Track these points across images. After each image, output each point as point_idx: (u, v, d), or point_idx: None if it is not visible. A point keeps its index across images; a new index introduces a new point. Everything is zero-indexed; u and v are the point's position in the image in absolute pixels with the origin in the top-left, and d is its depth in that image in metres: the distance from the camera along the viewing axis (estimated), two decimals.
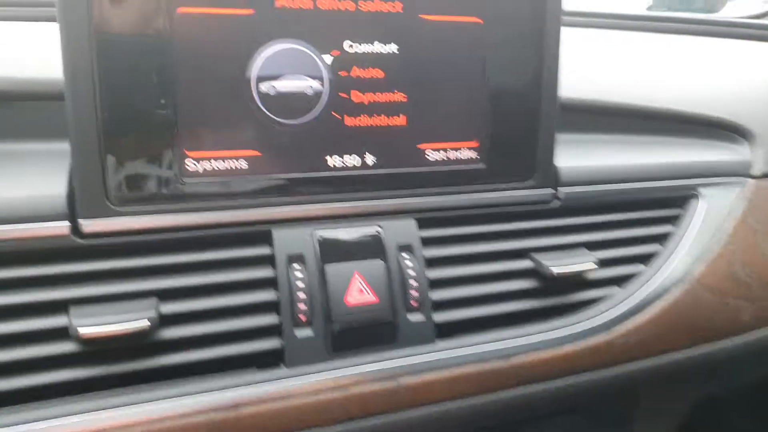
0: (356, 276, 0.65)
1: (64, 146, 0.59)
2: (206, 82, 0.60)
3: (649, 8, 1.67)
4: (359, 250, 0.67)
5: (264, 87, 0.62)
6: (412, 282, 0.66)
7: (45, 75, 0.65)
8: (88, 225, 0.59)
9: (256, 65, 0.61)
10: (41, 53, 0.66)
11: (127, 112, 0.58)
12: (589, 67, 0.90)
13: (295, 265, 0.64)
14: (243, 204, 0.63)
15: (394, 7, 0.64)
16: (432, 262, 0.70)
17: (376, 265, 0.66)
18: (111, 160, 0.58)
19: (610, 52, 0.99)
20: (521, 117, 0.71)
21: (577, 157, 0.79)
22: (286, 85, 0.63)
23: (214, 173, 0.62)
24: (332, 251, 0.66)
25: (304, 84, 0.63)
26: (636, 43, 1.08)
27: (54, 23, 0.55)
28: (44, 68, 0.65)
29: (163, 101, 0.59)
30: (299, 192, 0.65)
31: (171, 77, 0.58)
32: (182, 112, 0.60)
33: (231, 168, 0.63)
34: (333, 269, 0.65)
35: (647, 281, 0.78)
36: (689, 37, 1.11)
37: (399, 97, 0.67)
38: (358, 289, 0.64)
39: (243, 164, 0.63)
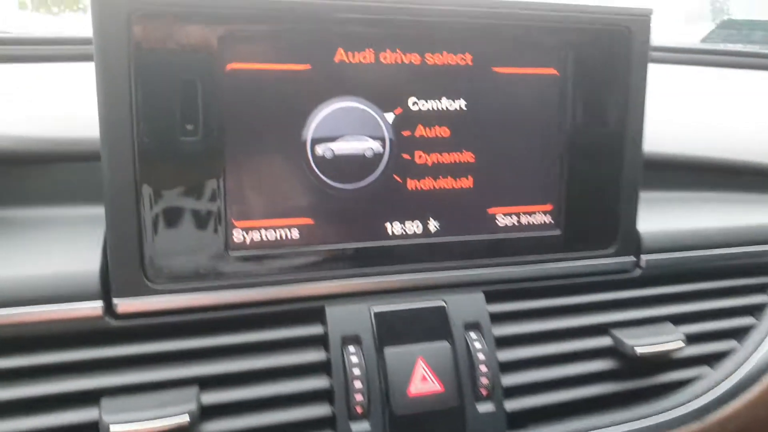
0: (420, 362, 0.57)
1: (100, 211, 0.53)
2: (257, 145, 0.54)
3: (704, 40, 1.59)
4: (422, 329, 0.59)
5: (320, 149, 0.56)
6: (482, 367, 0.58)
7: (79, 134, 0.59)
8: (123, 304, 0.52)
9: (312, 126, 0.55)
10: (76, 106, 0.61)
11: (169, 178, 0.52)
12: (660, 110, 0.82)
13: (351, 348, 0.57)
14: (293, 278, 0.57)
15: (464, 59, 0.57)
16: (502, 342, 0.62)
17: (441, 348, 0.59)
18: (149, 231, 0.52)
19: (679, 92, 0.91)
20: (602, 178, 0.64)
21: (657, 219, 0.71)
22: (343, 147, 0.56)
23: (263, 244, 0.56)
24: (392, 331, 0.58)
25: (364, 145, 0.57)
26: (701, 80, 1.00)
27: (90, 62, 0.50)
28: (78, 125, 0.60)
29: (209, 166, 0.52)
30: (355, 263, 0.58)
31: (218, 140, 0.52)
32: (230, 178, 0.54)
33: (281, 238, 0.56)
34: (393, 353, 0.57)
35: (744, 360, 0.69)
36: (755, 71, 1.02)
37: (466, 157, 0.60)
38: (422, 377, 0.57)
39: (294, 234, 0.56)
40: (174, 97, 0.51)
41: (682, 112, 0.86)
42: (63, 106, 0.63)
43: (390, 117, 0.57)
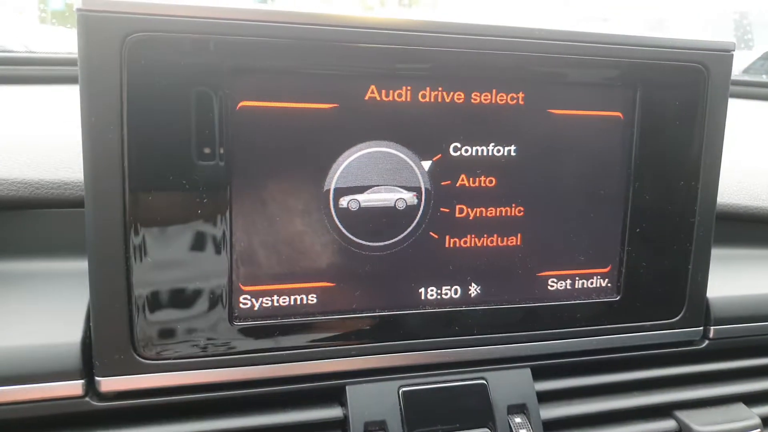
0: None
1: (84, 266, 0.44)
2: (270, 195, 0.46)
3: (746, 71, 1.50)
4: (459, 412, 0.51)
5: (344, 201, 0.48)
6: None
7: (62, 176, 0.52)
8: (108, 383, 0.44)
9: (336, 174, 0.47)
10: (58, 140, 0.54)
11: (164, 231, 0.43)
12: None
13: None
14: (309, 353, 0.48)
15: (515, 99, 0.49)
16: (551, 426, 0.53)
17: None
18: (140, 295, 0.44)
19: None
20: (669, 236, 0.55)
21: (728, 281, 0.62)
22: (371, 198, 0.48)
23: (274, 312, 0.47)
24: (423, 415, 0.50)
25: (395, 197, 0.49)
26: (749, 115, 0.91)
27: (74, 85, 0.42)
28: (61, 166, 0.53)
29: (212, 217, 0.44)
30: (382, 335, 0.50)
31: (224, 187, 0.44)
32: (237, 233, 0.45)
33: (296, 305, 0.48)
34: None
35: None
36: None
37: (515, 211, 0.51)
38: None
39: (311, 299, 0.48)
40: (173, 135, 0.43)
41: (736, 154, 0.77)
42: (46, 139, 0.55)
43: (427, 165, 0.49)
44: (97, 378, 0.44)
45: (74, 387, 0.44)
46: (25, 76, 0.71)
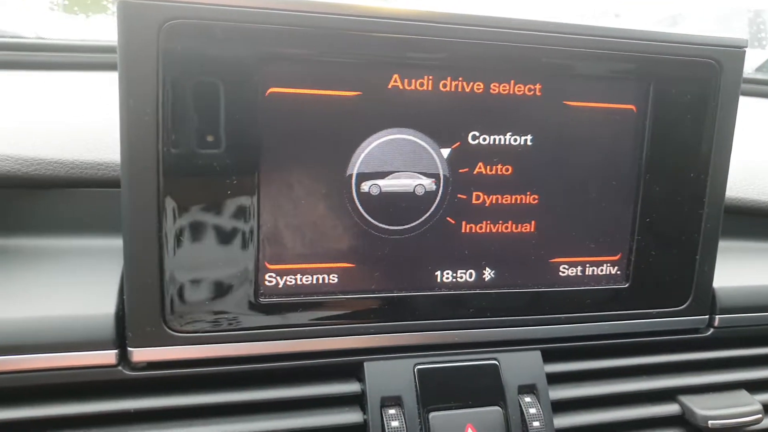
0: (469, 430, 0.50)
1: (119, 243, 0.47)
2: (295, 179, 0.48)
3: (759, 69, 1.50)
4: (471, 391, 0.52)
5: (365, 185, 0.50)
6: None
7: (96, 157, 0.54)
8: (139, 354, 0.46)
9: (358, 159, 0.49)
10: (94, 123, 0.56)
11: (195, 211, 0.46)
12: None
13: (391, 410, 0.50)
14: (330, 330, 0.50)
15: (532, 90, 0.51)
16: (560, 406, 0.55)
17: (492, 414, 0.52)
18: (172, 271, 0.46)
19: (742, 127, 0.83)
20: (678, 226, 0.56)
21: (734, 272, 0.64)
22: (392, 184, 0.50)
23: (297, 290, 0.49)
24: (437, 392, 0.52)
25: (415, 183, 0.51)
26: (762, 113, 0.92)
27: (114, 72, 0.44)
28: (95, 146, 0.55)
29: (241, 199, 0.46)
30: (399, 315, 0.52)
31: (253, 171, 0.46)
32: (264, 214, 0.48)
33: (317, 284, 0.50)
34: (439, 419, 0.51)
35: None
36: None
37: (530, 199, 0.53)
38: None
39: (333, 279, 0.50)
40: (206, 120, 0.45)
41: (748, 149, 0.78)
42: (79, 123, 0.57)
43: (446, 152, 0.51)
44: (129, 348, 0.46)
45: (108, 356, 0.46)
46: (58, 63, 0.73)
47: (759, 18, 1.77)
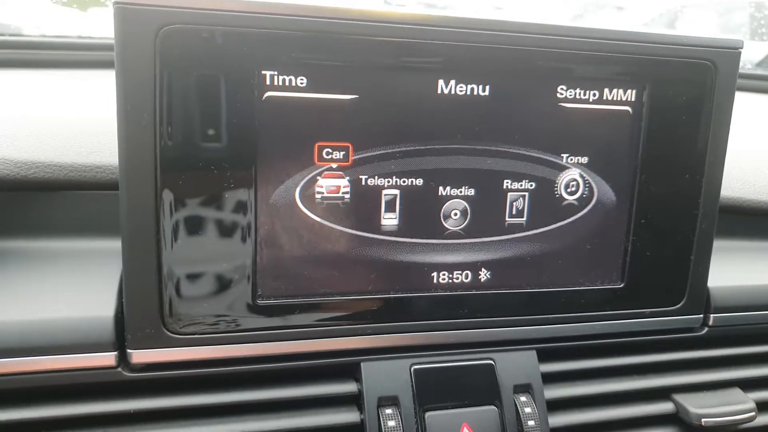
0: (465, 430, 0.51)
1: (118, 245, 0.47)
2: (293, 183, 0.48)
3: (760, 65, 1.50)
4: (467, 390, 0.53)
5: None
6: None
7: (94, 160, 0.54)
8: (139, 355, 0.47)
9: (354, 162, 0.49)
10: (93, 125, 0.56)
11: (193, 215, 0.46)
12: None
13: (388, 410, 0.51)
14: (327, 331, 0.51)
15: (528, 91, 0.51)
16: (555, 405, 0.56)
17: (488, 413, 0.53)
18: (170, 274, 0.46)
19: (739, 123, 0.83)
20: (673, 227, 0.57)
21: (728, 272, 0.64)
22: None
23: (295, 292, 0.50)
24: (433, 392, 0.52)
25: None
26: (760, 109, 0.92)
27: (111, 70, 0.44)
28: (93, 150, 0.55)
29: (239, 203, 0.47)
30: (396, 315, 0.52)
31: (251, 174, 0.47)
32: (262, 218, 0.48)
33: (315, 286, 0.50)
34: (435, 419, 0.51)
35: None
36: None
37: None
38: None
39: (330, 281, 0.51)
40: (203, 124, 0.45)
41: (743, 147, 0.78)
42: (78, 124, 0.57)
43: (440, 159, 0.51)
44: (128, 350, 0.47)
45: (108, 358, 0.47)
46: (52, 61, 0.73)
47: (760, 12, 1.76)
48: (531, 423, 0.53)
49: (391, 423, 0.50)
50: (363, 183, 0.49)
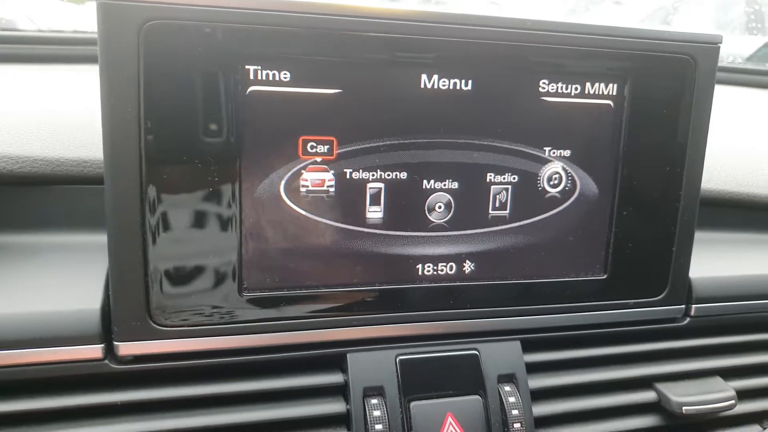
0: (449, 420, 0.52)
1: (104, 239, 0.48)
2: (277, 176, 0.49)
3: (750, 59, 1.51)
4: (452, 380, 0.54)
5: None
6: (516, 425, 0.53)
7: (80, 154, 0.54)
8: (125, 347, 0.48)
9: (339, 156, 0.50)
10: (78, 118, 0.56)
11: (178, 208, 0.47)
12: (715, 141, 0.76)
13: (373, 400, 0.52)
14: (313, 322, 0.51)
15: (510, 86, 0.52)
16: (538, 395, 0.57)
17: (472, 403, 0.53)
18: (156, 266, 0.47)
19: (724, 117, 0.84)
20: (655, 219, 0.58)
21: (710, 263, 0.65)
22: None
23: (280, 284, 0.50)
24: (418, 382, 0.53)
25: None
26: (748, 103, 0.93)
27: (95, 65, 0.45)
28: (80, 144, 0.55)
29: (223, 195, 0.47)
30: (381, 307, 0.53)
31: (235, 167, 0.47)
32: (246, 210, 0.48)
33: (301, 278, 0.51)
34: (420, 408, 0.52)
35: None
36: None
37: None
38: None
39: (316, 273, 0.51)
40: (187, 118, 0.45)
41: (727, 141, 0.79)
42: (64, 118, 0.58)
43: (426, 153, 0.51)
44: (115, 342, 0.47)
45: (95, 350, 0.47)
46: (41, 55, 0.73)
47: (750, 7, 1.77)
48: (515, 412, 0.54)
49: (377, 413, 0.51)
50: (348, 176, 0.50)
